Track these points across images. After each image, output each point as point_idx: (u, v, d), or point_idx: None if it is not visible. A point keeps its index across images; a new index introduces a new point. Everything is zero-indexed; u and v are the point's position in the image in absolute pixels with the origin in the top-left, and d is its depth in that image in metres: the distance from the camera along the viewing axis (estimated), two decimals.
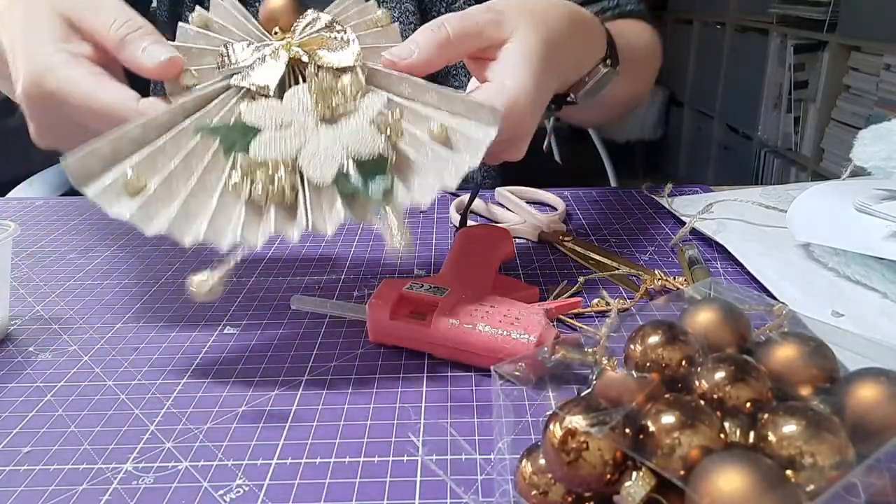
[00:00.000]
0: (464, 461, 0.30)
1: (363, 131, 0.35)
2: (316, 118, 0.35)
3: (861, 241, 0.42)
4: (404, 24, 0.67)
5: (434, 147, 0.36)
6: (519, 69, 0.38)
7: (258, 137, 0.34)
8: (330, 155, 0.34)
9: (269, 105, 0.36)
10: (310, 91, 0.36)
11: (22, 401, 0.35)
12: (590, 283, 0.45)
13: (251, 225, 0.34)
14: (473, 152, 0.36)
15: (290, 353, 0.38)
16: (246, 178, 0.34)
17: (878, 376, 0.24)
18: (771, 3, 2.20)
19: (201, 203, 0.34)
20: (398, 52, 0.37)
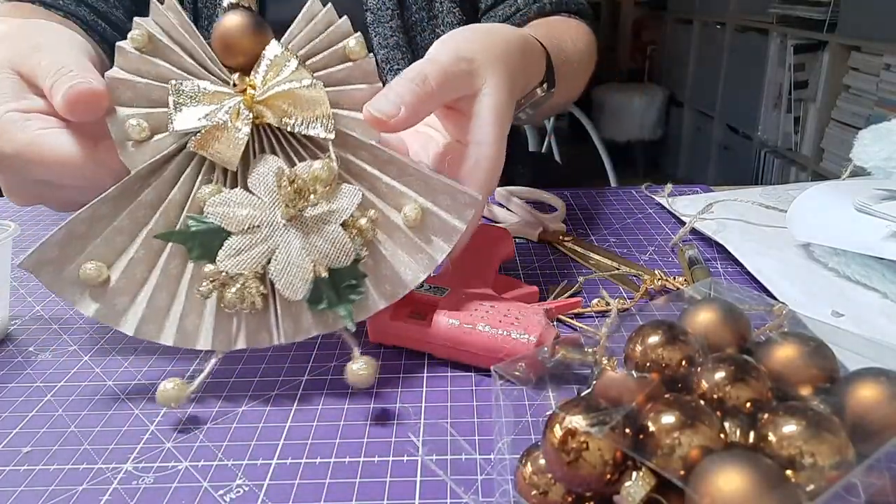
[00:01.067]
0: (464, 461, 0.29)
1: (336, 239, 0.33)
2: (284, 214, 0.32)
3: (861, 241, 0.42)
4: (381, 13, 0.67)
5: (408, 234, 0.35)
6: (493, 129, 0.37)
7: (226, 245, 0.32)
8: (301, 269, 0.32)
9: (235, 200, 0.32)
10: (278, 184, 0.32)
11: (22, 401, 0.35)
12: (590, 283, 0.45)
13: (221, 329, 0.33)
14: (448, 238, 0.35)
15: (290, 354, 0.38)
16: (214, 287, 0.32)
17: (878, 376, 0.24)
18: (771, 3, 2.20)
19: (168, 297, 0.33)
20: (384, 108, 0.34)
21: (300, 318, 0.33)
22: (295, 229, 0.32)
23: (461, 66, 0.38)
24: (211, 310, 0.33)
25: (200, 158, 0.33)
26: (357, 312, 0.34)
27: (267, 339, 0.33)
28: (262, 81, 0.33)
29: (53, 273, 0.32)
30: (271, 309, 0.33)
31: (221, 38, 0.34)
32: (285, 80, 0.33)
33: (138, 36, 0.33)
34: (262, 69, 0.34)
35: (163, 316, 0.33)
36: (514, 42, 0.43)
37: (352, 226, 0.33)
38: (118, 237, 0.33)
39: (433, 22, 0.69)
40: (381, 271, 0.35)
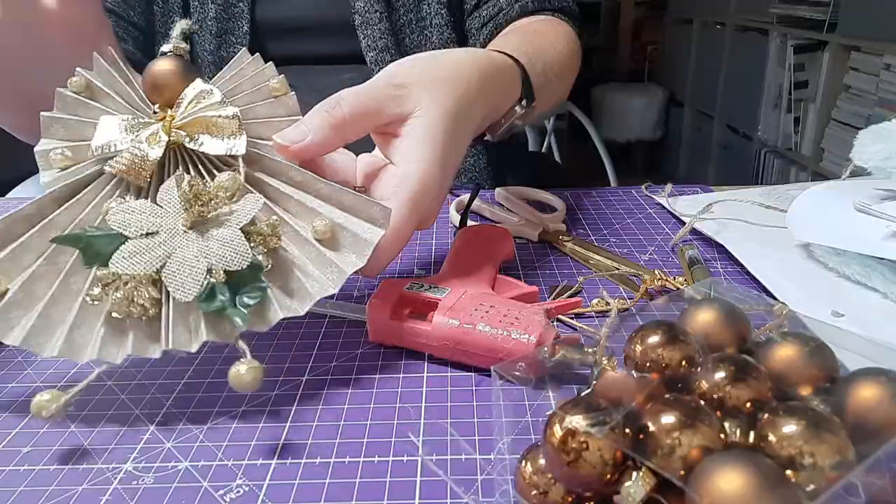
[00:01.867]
0: (464, 461, 0.30)
1: (233, 241, 0.32)
2: (185, 223, 0.32)
3: (861, 241, 0.42)
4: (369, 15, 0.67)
5: (317, 248, 0.35)
6: (423, 148, 0.37)
7: (121, 248, 0.32)
8: (195, 269, 0.31)
9: (137, 208, 0.33)
10: (178, 185, 0.33)
11: (22, 401, 0.35)
12: (590, 283, 0.45)
13: (111, 340, 0.32)
14: (360, 252, 0.35)
15: (290, 353, 0.38)
16: (106, 291, 0.31)
17: (878, 376, 0.24)
18: (771, 3, 2.20)
19: (63, 311, 0.32)
20: (291, 135, 0.36)
21: (196, 324, 0.32)
22: (194, 234, 0.32)
23: (386, 92, 0.38)
24: (102, 321, 0.32)
25: (116, 184, 0.34)
26: (256, 321, 0.32)
27: (156, 348, 0.32)
28: (182, 111, 0.35)
29: None
30: (164, 317, 0.32)
31: (152, 79, 0.36)
32: (204, 108, 0.35)
33: (76, 81, 0.36)
34: (184, 102, 0.35)
35: (53, 328, 0.32)
36: (468, 65, 0.43)
37: (255, 233, 0.33)
38: (25, 254, 0.33)
39: (421, 24, 0.69)
40: (287, 284, 0.34)
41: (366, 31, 0.67)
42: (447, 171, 0.39)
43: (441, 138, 0.38)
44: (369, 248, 0.35)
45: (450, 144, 0.39)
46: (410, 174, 0.37)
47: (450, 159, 0.39)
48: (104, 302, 0.32)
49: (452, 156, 0.39)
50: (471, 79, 0.42)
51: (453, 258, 0.43)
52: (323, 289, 0.34)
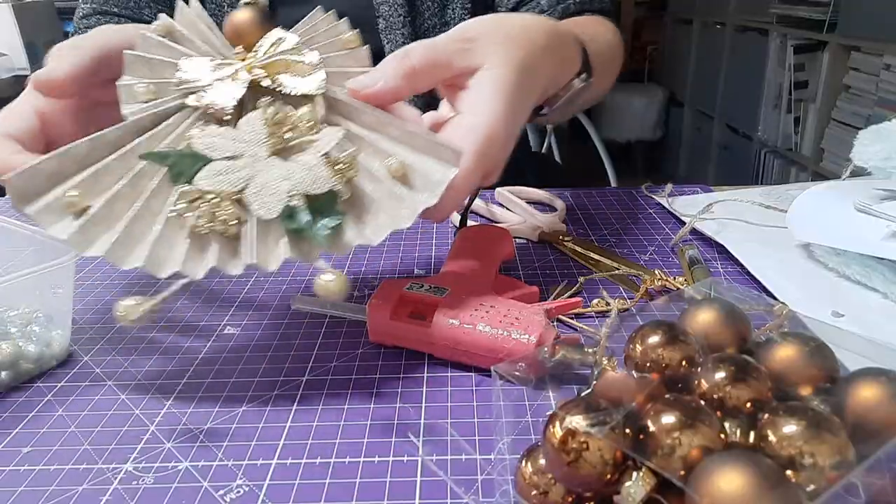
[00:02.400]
0: (464, 461, 0.30)
1: (315, 167, 0.33)
2: (268, 150, 0.34)
3: (861, 241, 0.42)
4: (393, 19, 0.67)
5: (391, 184, 0.35)
6: (491, 100, 0.37)
7: (206, 167, 0.33)
8: (278, 189, 0.32)
9: (221, 133, 0.34)
10: (263, 120, 0.34)
11: (22, 401, 0.35)
12: (590, 283, 0.45)
13: (193, 256, 0.32)
14: (431, 192, 0.35)
15: (290, 353, 0.38)
16: (190, 206, 0.32)
17: (878, 376, 0.24)
18: (771, 3, 2.20)
19: (144, 228, 0.33)
20: (364, 80, 0.37)
21: (275, 243, 0.33)
22: (276, 159, 0.34)
23: (456, 45, 0.38)
24: (185, 238, 0.33)
25: (197, 118, 0.35)
26: (333, 246, 0.33)
27: (239, 263, 0.32)
28: (262, 53, 0.36)
29: (33, 201, 0.32)
30: (246, 234, 0.33)
31: (233, 26, 0.37)
32: (284, 52, 0.36)
33: (160, 25, 0.37)
34: (264, 46, 0.36)
35: (135, 242, 0.32)
36: (535, 27, 0.43)
37: (333, 162, 0.34)
38: (106, 176, 0.33)
39: (445, 28, 0.69)
40: (361, 214, 0.35)
41: (389, 35, 0.67)
42: (513, 125, 0.39)
43: (509, 91, 0.38)
44: (440, 188, 0.35)
45: (516, 99, 0.39)
46: (478, 125, 0.37)
47: (516, 114, 0.39)
48: (187, 217, 0.32)
49: (518, 111, 0.39)
50: (537, 39, 0.42)
51: (453, 258, 0.43)
52: (395, 222, 0.34)
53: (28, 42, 1.58)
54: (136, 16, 0.66)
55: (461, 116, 0.38)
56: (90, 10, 0.67)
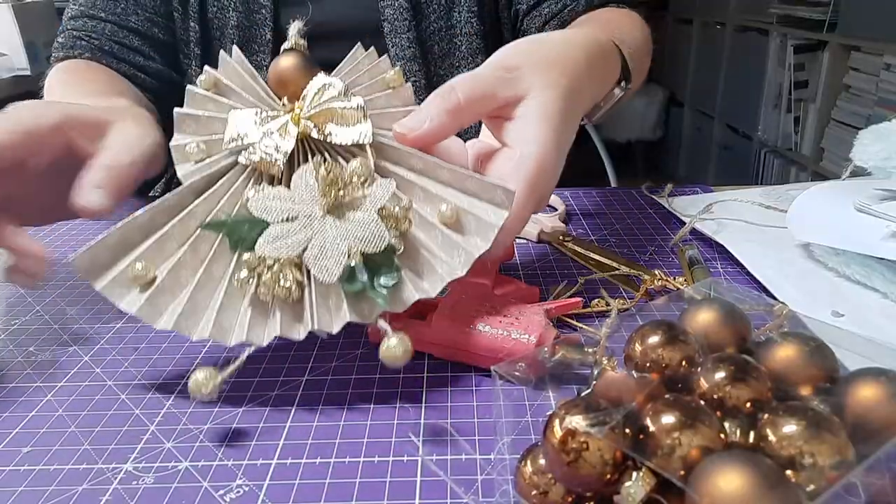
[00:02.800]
0: (464, 461, 0.30)
1: (370, 225, 0.33)
2: (323, 208, 0.34)
3: (861, 241, 0.42)
4: (398, 24, 0.67)
5: (444, 232, 0.35)
6: (539, 130, 0.37)
7: (265, 233, 0.33)
8: (336, 251, 0.33)
9: (276, 194, 0.34)
10: (316, 177, 0.34)
11: (22, 401, 0.35)
12: (590, 283, 0.45)
13: (257, 323, 0.33)
14: (485, 236, 0.35)
15: (290, 354, 0.38)
16: (252, 274, 0.33)
17: (878, 376, 0.24)
18: (771, 3, 2.20)
19: (207, 295, 0.34)
20: (410, 123, 0.36)
21: (337, 306, 0.33)
22: (332, 219, 0.33)
23: (499, 75, 0.38)
24: (247, 305, 0.33)
25: (249, 174, 0.36)
26: (392, 304, 0.33)
27: (301, 329, 0.33)
28: (309, 103, 0.36)
29: (102, 275, 0.33)
30: (307, 299, 0.33)
31: (277, 75, 0.37)
32: (329, 100, 0.36)
33: (206, 79, 0.38)
34: (309, 94, 0.36)
35: (200, 312, 0.33)
36: (575, 46, 0.42)
37: (388, 216, 0.34)
38: (168, 243, 0.34)
39: (451, 32, 0.69)
40: (417, 267, 0.35)
41: (394, 39, 0.67)
42: (562, 151, 0.39)
43: (556, 119, 0.38)
44: (493, 231, 0.35)
45: (564, 125, 0.38)
46: (527, 156, 0.36)
47: (564, 141, 0.39)
48: (250, 285, 0.33)
49: (565, 137, 0.39)
50: (579, 59, 0.42)
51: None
52: (452, 271, 0.34)
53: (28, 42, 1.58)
54: (122, 22, 0.65)
55: (510, 150, 0.37)
56: (78, 13, 0.67)
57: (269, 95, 0.38)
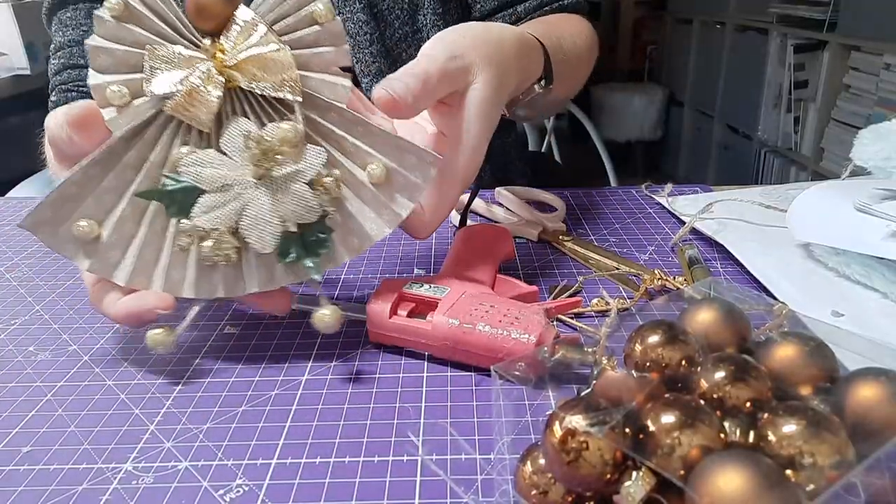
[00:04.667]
0: (464, 461, 0.30)
1: (304, 197, 0.34)
2: (255, 173, 0.34)
3: (861, 241, 0.42)
4: (360, 38, 0.66)
5: (373, 190, 0.36)
6: (476, 123, 0.39)
7: (199, 202, 0.34)
8: (270, 224, 0.34)
9: (208, 160, 0.34)
10: (245, 144, 0.34)
11: (22, 401, 0.35)
12: (590, 283, 0.45)
13: (203, 281, 0.36)
14: (411, 196, 0.37)
15: (290, 353, 0.38)
16: (192, 240, 0.35)
17: (878, 376, 0.24)
18: (771, 2, 2.20)
19: (155, 251, 0.36)
20: (398, 90, 0.36)
21: (272, 268, 0.36)
22: (264, 187, 0.34)
23: (455, 63, 0.39)
24: (193, 262, 0.36)
25: (178, 121, 0.35)
26: (323, 264, 0.36)
27: (243, 287, 0.36)
28: (231, 46, 0.35)
29: (49, 232, 0.35)
30: (244, 261, 0.36)
31: (195, 5, 0.34)
32: (254, 45, 0.35)
33: (115, 4, 0.35)
34: (232, 34, 0.35)
35: (151, 268, 0.36)
36: (507, 40, 0.44)
37: (318, 184, 0.35)
38: (106, 196, 0.35)
39: (418, 35, 0.68)
40: (347, 226, 0.37)
41: (357, 55, 0.65)
42: (487, 140, 0.40)
43: (489, 112, 0.40)
44: (420, 193, 0.37)
45: (493, 116, 0.40)
46: (464, 148, 0.39)
47: (491, 129, 0.40)
48: (191, 251, 0.35)
49: (493, 126, 0.41)
50: (510, 52, 0.43)
51: (453, 258, 0.43)
52: (380, 230, 0.37)
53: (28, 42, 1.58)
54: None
55: (447, 140, 0.39)
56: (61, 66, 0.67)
57: (185, 26, 0.35)
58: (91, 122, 0.35)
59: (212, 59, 0.35)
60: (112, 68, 0.35)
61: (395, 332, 0.38)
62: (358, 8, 0.65)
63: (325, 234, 0.36)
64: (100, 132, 0.35)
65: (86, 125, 0.35)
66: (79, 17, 0.70)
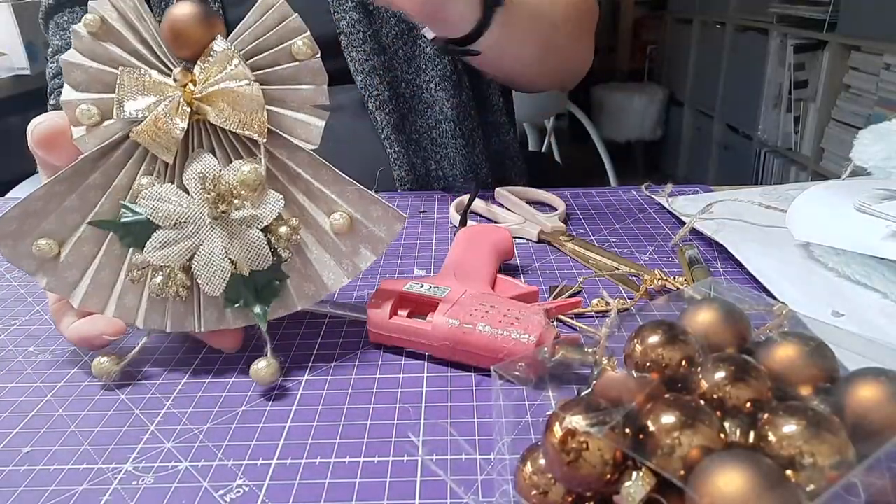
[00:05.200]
0: (464, 461, 0.30)
1: (256, 244, 0.34)
2: (211, 214, 0.34)
3: (861, 241, 0.42)
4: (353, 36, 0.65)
5: (334, 239, 0.36)
6: None
7: (153, 237, 0.34)
8: (221, 266, 0.34)
9: (166, 195, 0.34)
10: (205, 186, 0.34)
11: (22, 401, 0.35)
12: (590, 283, 0.45)
13: (154, 311, 0.36)
14: (374, 248, 0.37)
15: (290, 354, 0.38)
16: (143, 274, 0.35)
17: (878, 376, 0.23)
18: (771, 2, 2.20)
19: (111, 275, 0.36)
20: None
21: (222, 310, 0.36)
22: (220, 228, 0.34)
23: None
24: (146, 292, 0.36)
25: (144, 148, 0.35)
26: (274, 311, 0.36)
27: (191, 325, 0.36)
28: (204, 77, 0.34)
29: (11, 246, 0.35)
30: (194, 299, 0.36)
31: (171, 27, 0.34)
32: (225, 79, 0.34)
33: (91, 20, 0.34)
34: (206, 63, 0.34)
35: (106, 292, 0.36)
36: None
37: (275, 230, 0.35)
38: (69, 215, 0.35)
39: (412, 33, 0.67)
40: (304, 272, 0.36)
41: (351, 53, 0.65)
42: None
43: None
44: (384, 247, 0.37)
45: None
46: None
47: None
48: (143, 283, 0.36)
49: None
50: None
51: (453, 258, 0.43)
52: (338, 280, 0.37)
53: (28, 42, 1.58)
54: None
55: None
56: (59, 69, 0.67)
57: (160, 47, 0.35)
58: (55, 141, 0.35)
59: (181, 89, 0.34)
60: (85, 85, 0.35)
61: (395, 332, 0.38)
62: (351, 6, 0.65)
63: (280, 282, 0.36)
64: (67, 149, 0.35)
65: (50, 143, 0.35)
66: (75, 20, 0.70)
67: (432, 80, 0.67)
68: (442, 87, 0.67)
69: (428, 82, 0.67)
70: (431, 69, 0.67)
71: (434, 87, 0.67)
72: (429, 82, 0.67)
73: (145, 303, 0.36)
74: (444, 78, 0.66)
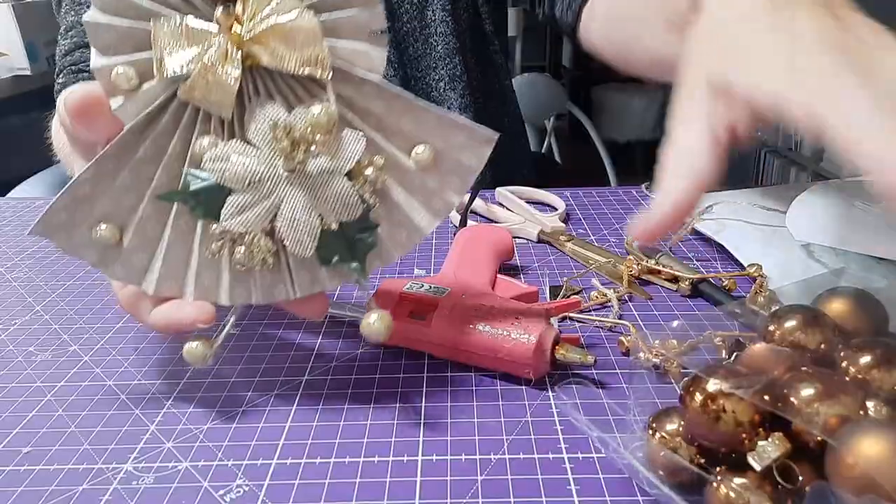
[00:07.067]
0: (464, 461, 0.29)
1: (342, 193, 0.30)
2: (286, 166, 0.30)
3: (861, 241, 0.42)
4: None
5: (420, 176, 0.32)
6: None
7: (228, 202, 0.30)
8: (308, 223, 0.30)
9: (233, 154, 0.30)
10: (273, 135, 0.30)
11: (22, 401, 0.35)
12: (585, 280, 0.45)
13: (238, 287, 0.32)
14: (463, 181, 0.32)
15: (290, 353, 0.38)
16: (223, 246, 0.31)
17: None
18: None
19: (183, 254, 0.32)
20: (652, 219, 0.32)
21: (314, 271, 0.32)
22: (299, 182, 0.30)
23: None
24: (226, 265, 0.32)
25: (195, 107, 0.31)
26: (372, 263, 0.32)
27: (283, 293, 0.32)
28: (249, 14, 0.30)
29: (66, 238, 0.32)
30: (283, 264, 0.32)
31: None
32: (273, 13, 0.30)
33: None
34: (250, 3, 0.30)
35: (181, 272, 0.32)
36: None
37: (358, 175, 0.31)
38: (124, 195, 0.31)
39: (426, 32, 0.68)
40: (394, 218, 0.32)
41: None
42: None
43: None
44: (473, 176, 0.32)
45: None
46: None
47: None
48: (223, 256, 0.31)
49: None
50: None
51: (453, 258, 0.43)
52: (430, 222, 0.32)
53: (28, 42, 1.58)
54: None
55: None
56: (72, 46, 0.65)
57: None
58: (92, 111, 0.30)
59: (227, 33, 0.30)
60: (115, 47, 0.30)
61: (395, 332, 0.37)
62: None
63: (371, 231, 0.32)
64: (105, 121, 0.31)
65: (86, 112, 0.30)
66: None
67: (442, 79, 0.67)
68: (451, 87, 0.66)
69: (437, 81, 0.67)
70: (441, 68, 0.67)
71: (443, 87, 0.67)
72: (438, 81, 0.67)
73: (227, 276, 0.32)
74: (454, 78, 0.66)
